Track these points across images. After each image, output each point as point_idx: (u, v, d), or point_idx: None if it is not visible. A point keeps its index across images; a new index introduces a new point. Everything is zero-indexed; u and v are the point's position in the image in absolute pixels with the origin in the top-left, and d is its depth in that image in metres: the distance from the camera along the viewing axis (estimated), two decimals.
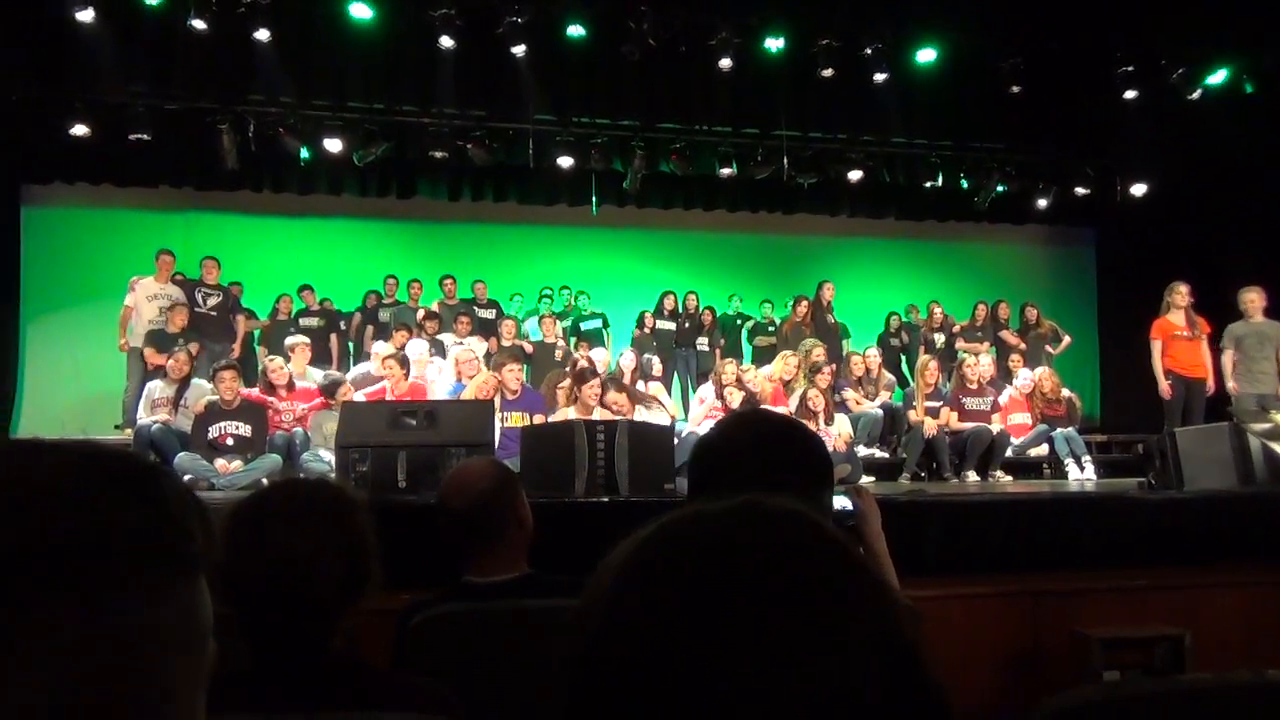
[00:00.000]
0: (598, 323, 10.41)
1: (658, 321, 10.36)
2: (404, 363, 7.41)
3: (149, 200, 10.66)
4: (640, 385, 8.18)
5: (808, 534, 0.61)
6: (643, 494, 4.69)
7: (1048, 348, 9.70)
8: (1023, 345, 9.59)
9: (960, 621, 3.62)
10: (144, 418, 7.01)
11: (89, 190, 10.34)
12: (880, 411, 8.15)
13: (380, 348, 8.08)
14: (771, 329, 10.40)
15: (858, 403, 8.29)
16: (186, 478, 6.31)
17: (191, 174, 10.29)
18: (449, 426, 5.00)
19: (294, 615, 1.37)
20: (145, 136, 8.92)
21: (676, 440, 5.82)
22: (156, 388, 7.23)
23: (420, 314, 9.50)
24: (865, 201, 11.59)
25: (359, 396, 7.13)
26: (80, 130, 8.80)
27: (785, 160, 10.03)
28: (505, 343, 9.30)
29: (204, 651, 0.68)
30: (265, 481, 6.22)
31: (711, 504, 0.64)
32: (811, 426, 5.51)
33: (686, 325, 10.51)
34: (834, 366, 8.22)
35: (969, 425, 7.71)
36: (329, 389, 7.17)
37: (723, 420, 1.48)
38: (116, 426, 8.41)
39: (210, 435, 6.71)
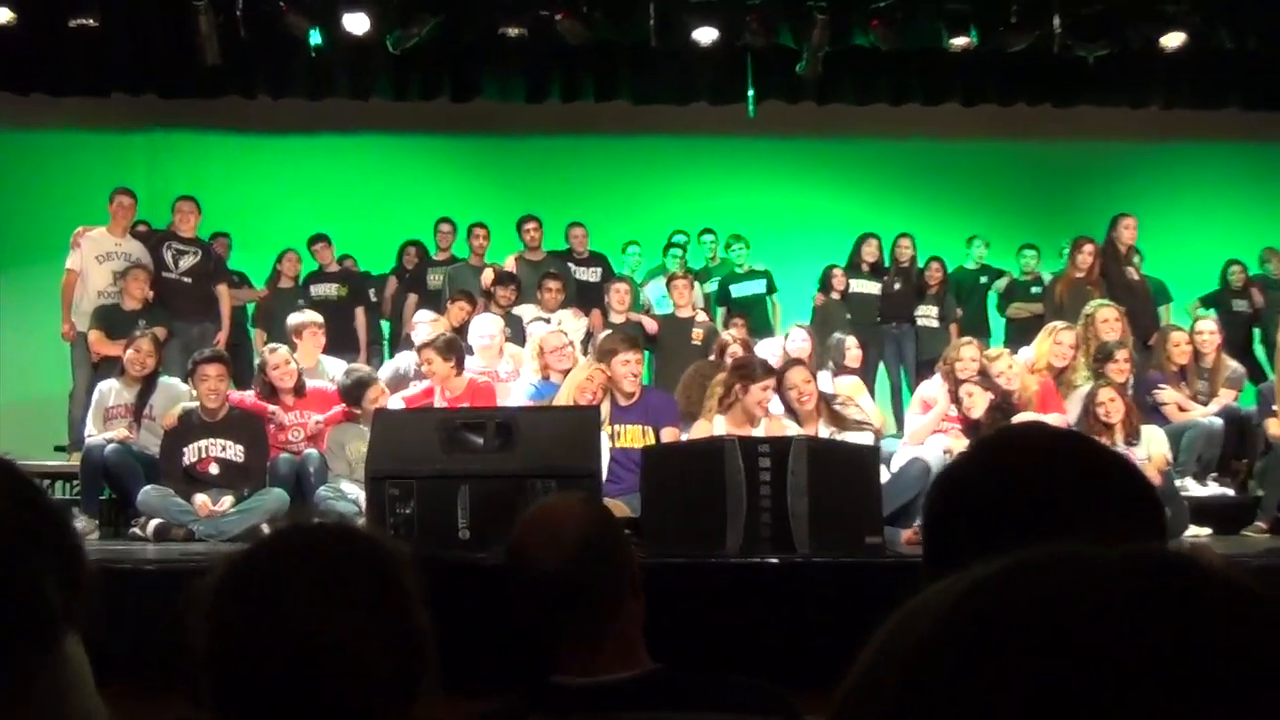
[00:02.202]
0: (759, 285, 10.42)
1: (852, 281, 10.26)
2: (461, 351, 7.58)
3: (97, 115, 11.29)
4: (823, 382, 8.11)
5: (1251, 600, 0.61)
6: (832, 551, 4.65)
7: None
8: None
9: None
10: (94, 434, 7.42)
11: (11, 104, 10.96)
12: (1219, 422, 7.84)
13: (427, 328, 8.28)
14: (1037, 290, 10.18)
15: (1180, 408, 7.99)
16: (153, 523, 6.67)
17: (156, 75, 10.80)
18: (532, 446, 5.10)
19: None
20: (91, 22, 9.43)
21: (885, 470, 5.75)
22: (110, 391, 7.63)
23: (487, 275, 9.73)
24: (1190, 84, 11.13)
25: (397, 401, 7.34)
26: None
27: (1057, 21, 9.73)
28: (616, 318, 9.41)
29: None
30: (266, 529, 6.50)
31: (1081, 550, 0.64)
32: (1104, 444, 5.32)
33: (898, 287, 10.37)
34: (1128, 351, 7.92)
35: None
36: (353, 390, 7.41)
37: (989, 443, 1.46)
38: (59, 448, 8.95)
39: (187, 459, 7.04)
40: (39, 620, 0.67)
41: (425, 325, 8.37)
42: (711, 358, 8.13)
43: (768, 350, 8.13)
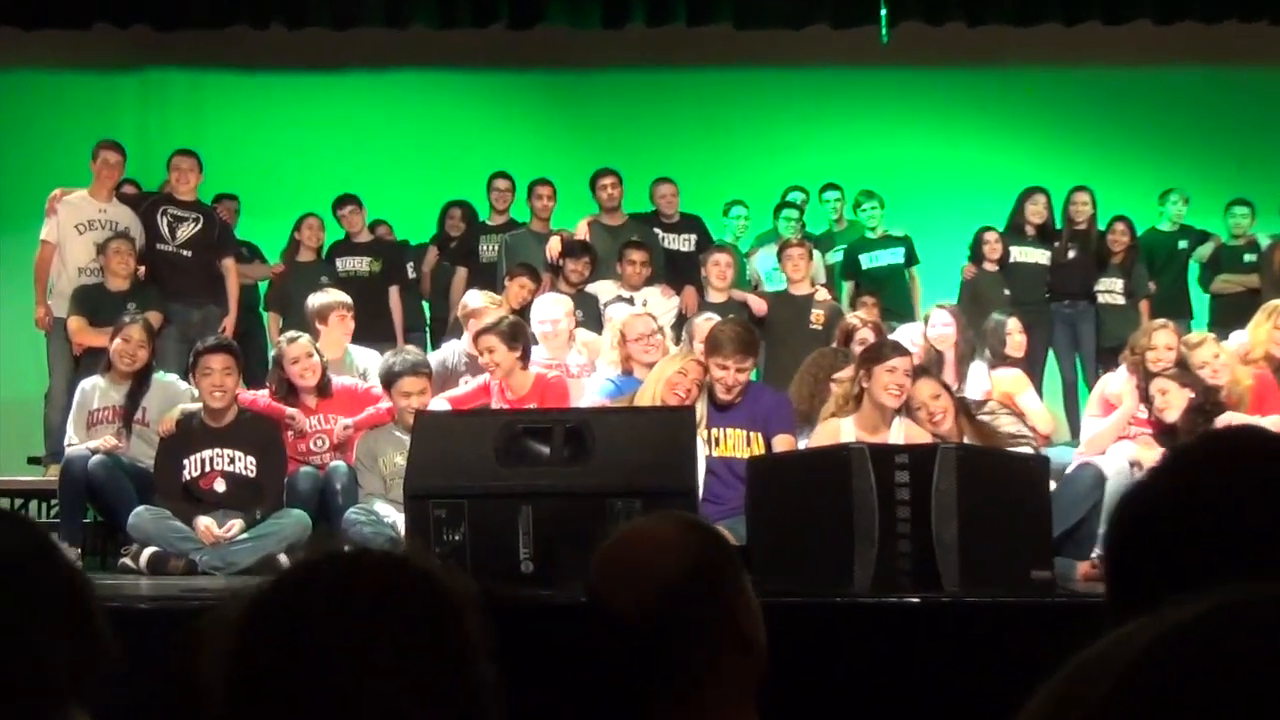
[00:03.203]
0: (895, 254, 10.38)
1: (1014, 248, 10.15)
2: (528, 338, 7.62)
3: (76, 52, 11.49)
4: (977, 377, 8.01)
5: None
6: (989, 589, 4.61)
7: None
8: None
9: None
10: (76, 443, 7.56)
11: None
12: None
13: (479, 310, 8.27)
14: (1251, 258, 10.05)
15: None
16: (147, 552, 6.79)
17: (148, 2, 10.89)
18: (611, 457, 5.11)
19: None
20: None
21: (1054, 484, 5.67)
22: (94, 390, 7.76)
23: (554, 245, 9.76)
24: None
25: (441, 403, 7.38)
26: None
27: None
28: (715, 297, 9.40)
29: None
30: (285, 560, 6.60)
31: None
32: None
33: (1073, 255, 10.24)
34: None
35: None
36: (397, 379, 7.36)
37: (1189, 454, 1.45)
38: (32, 460, 9.14)
39: (187, 474, 7.15)
40: (36, 692, 0.69)
41: (478, 307, 8.35)
42: (834, 345, 8.07)
43: (905, 337, 8.05)
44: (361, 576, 1.46)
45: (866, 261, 10.29)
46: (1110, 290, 10.19)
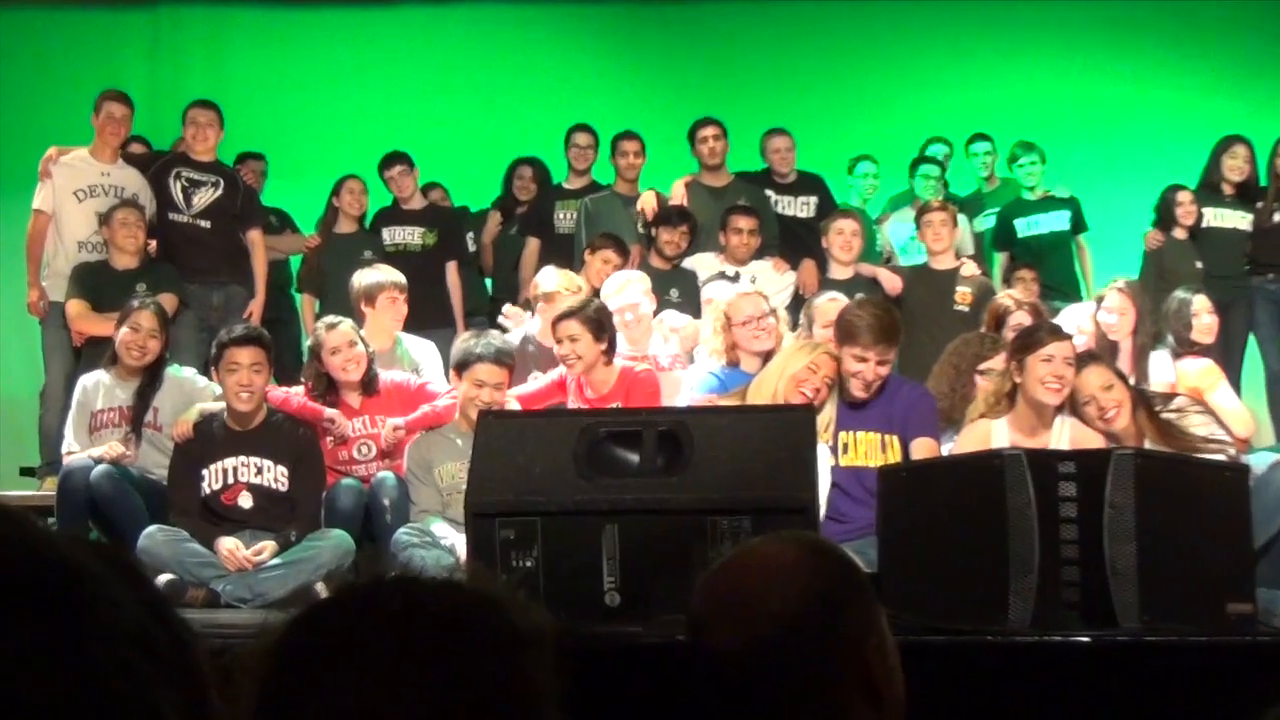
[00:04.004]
0: (1059, 218, 10.32)
1: (1208, 210, 10.02)
2: (609, 328, 7.62)
3: None
4: (1160, 367, 7.91)
5: None
6: (1176, 626, 4.56)
7: None
8: None
9: None
10: (77, 451, 7.64)
11: None
12: None
13: (553, 292, 8.30)
14: None
15: None
16: (161, 580, 6.86)
17: None
18: (714, 466, 5.10)
19: None
20: None
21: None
22: (98, 388, 7.84)
23: (649, 203, 9.78)
24: None
25: (510, 401, 7.40)
26: None
27: None
28: (840, 272, 9.37)
29: None
30: (322, 590, 6.67)
31: None
32: None
33: (1279, 218, 10.09)
34: None
35: None
36: (473, 364, 7.23)
37: None
38: (25, 471, 9.26)
39: (208, 487, 7.22)
40: None
41: (552, 287, 8.35)
42: (983, 329, 8.02)
43: (1072, 320, 7.97)
44: (414, 610, 1.45)
45: (1023, 228, 10.23)
46: None
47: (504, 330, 8.36)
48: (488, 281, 10.77)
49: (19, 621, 0.75)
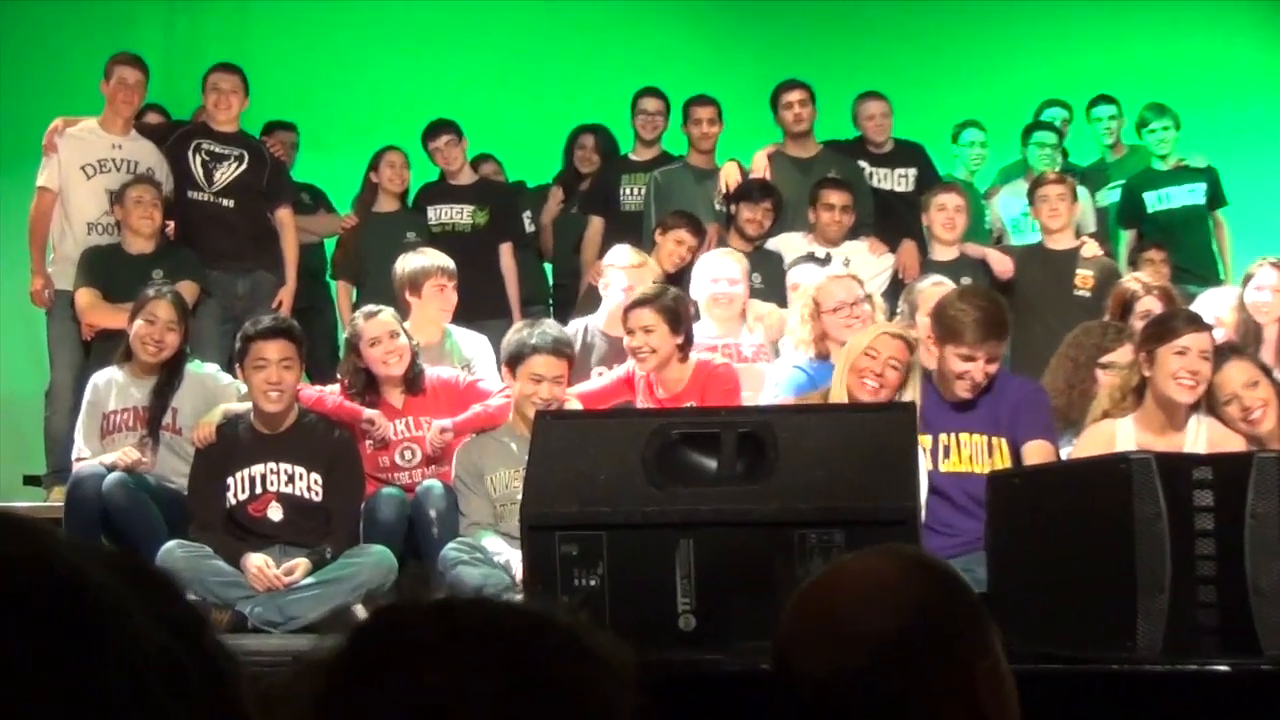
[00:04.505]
0: (1194, 191, 10.26)
1: None
2: (687, 319, 7.61)
3: None
4: None
5: None
6: None
7: None
8: None
9: None
10: (88, 457, 7.68)
11: None
12: None
13: (622, 275, 8.32)
14: None
15: None
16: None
17: None
18: (802, 472, 5.09)
19: None
20: None
21: None
22: (111, 386, 7.89)
23: (730, 173, 9.77)
24: None
25: (571, 400, 7.44)
26: None
27: None
28: (943, 253, 9.37)
29: None
30: (361, 612, 6.68)
31: None
32: None
33: None
34: None
35: None
36: (527, 357, 7.28)
37: None
38: (29, 480, 9.32)
39: (234, 497, 7.27)
40: None
41: (620, 270, 8.34)
42: (1107, 317, 7.98)
43: (1209, 307, 7.93)
44: (465, 635, 1.43)
45: (1153, 202, 10.17)
46: None
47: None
48: (547, 267, 10.75)
49: (21, 649, 0.77)
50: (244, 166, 9.42)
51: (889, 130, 10.39)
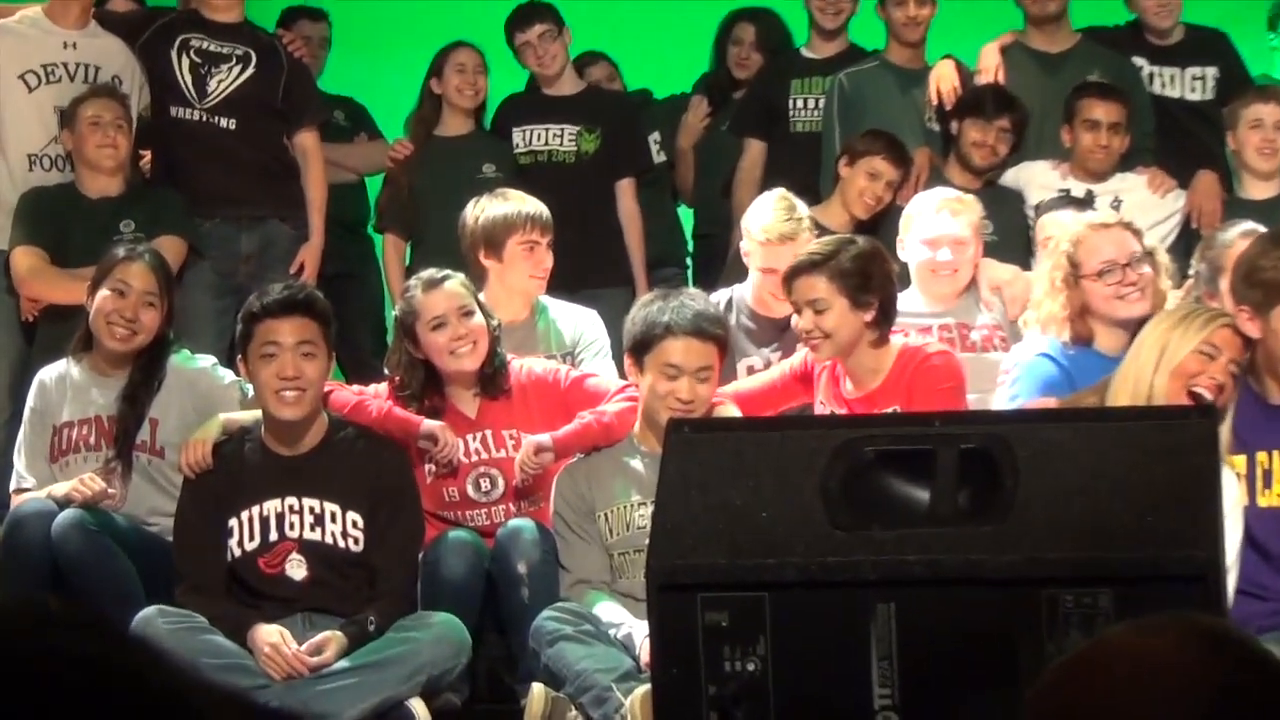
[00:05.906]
0: None
1: None
2: (878, 286, 7.54)
3: None
4: None
5: None
6: None
7: None
8: None
9: None
10: (31, 487, 7.80)
11: None
12: None
13: (781, 228, 8.26)
14: None
15: None
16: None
17: None
18: (1054, 506, 5.08)
19: None
20: None
21: None
22: (63, 387, 7.97)
23: (944, 73, 9.83)
24: None
25: (726, 406, 7.39)
26: None
27: None
28: (1258, 190, 9.37)
29: None
30: (421, 710, 6.76)
31: None
32: None
33: None
34: None
35: None
36: (659, 340, 7.29)
37: None
38: None
39: (239, 544, 7.32)
40: None
41: (756, 244, 8.29)
42: None
43: None
44: None
45: None
46: None
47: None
48: (685, 212, 10.73)
49: None
50: (251, 72, 9.48)
51: (1177, 10, 10.31)
